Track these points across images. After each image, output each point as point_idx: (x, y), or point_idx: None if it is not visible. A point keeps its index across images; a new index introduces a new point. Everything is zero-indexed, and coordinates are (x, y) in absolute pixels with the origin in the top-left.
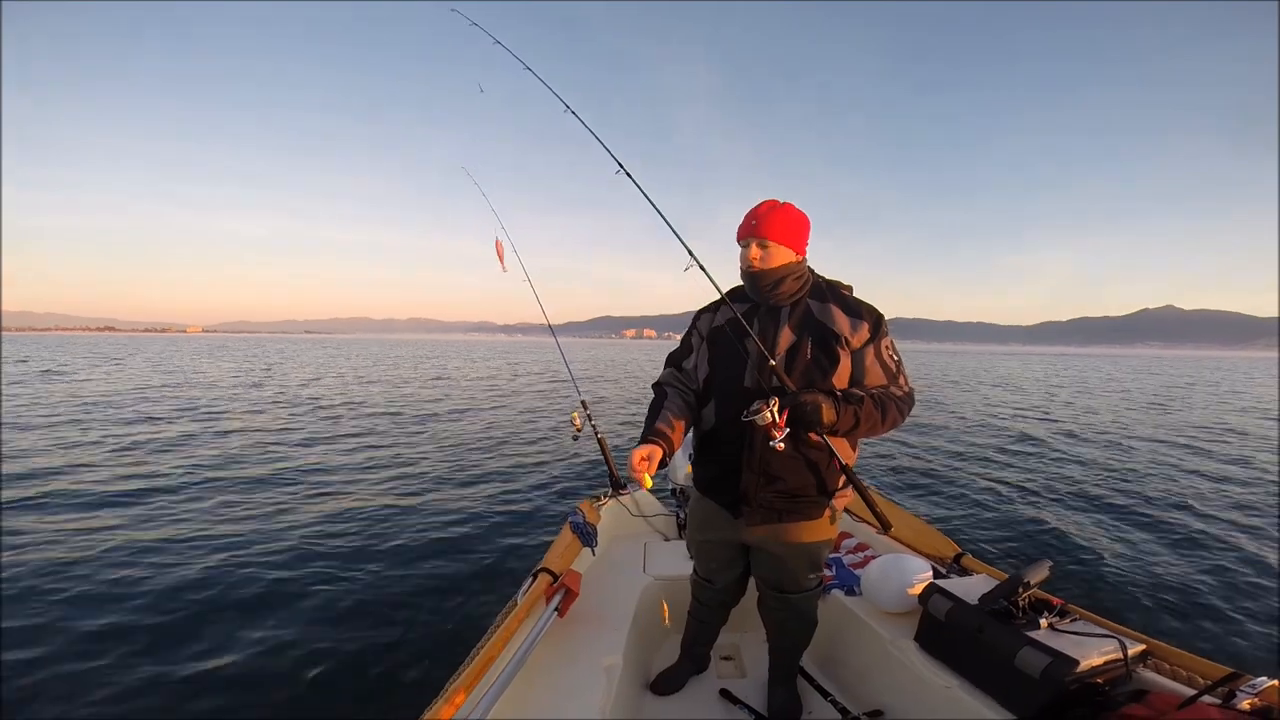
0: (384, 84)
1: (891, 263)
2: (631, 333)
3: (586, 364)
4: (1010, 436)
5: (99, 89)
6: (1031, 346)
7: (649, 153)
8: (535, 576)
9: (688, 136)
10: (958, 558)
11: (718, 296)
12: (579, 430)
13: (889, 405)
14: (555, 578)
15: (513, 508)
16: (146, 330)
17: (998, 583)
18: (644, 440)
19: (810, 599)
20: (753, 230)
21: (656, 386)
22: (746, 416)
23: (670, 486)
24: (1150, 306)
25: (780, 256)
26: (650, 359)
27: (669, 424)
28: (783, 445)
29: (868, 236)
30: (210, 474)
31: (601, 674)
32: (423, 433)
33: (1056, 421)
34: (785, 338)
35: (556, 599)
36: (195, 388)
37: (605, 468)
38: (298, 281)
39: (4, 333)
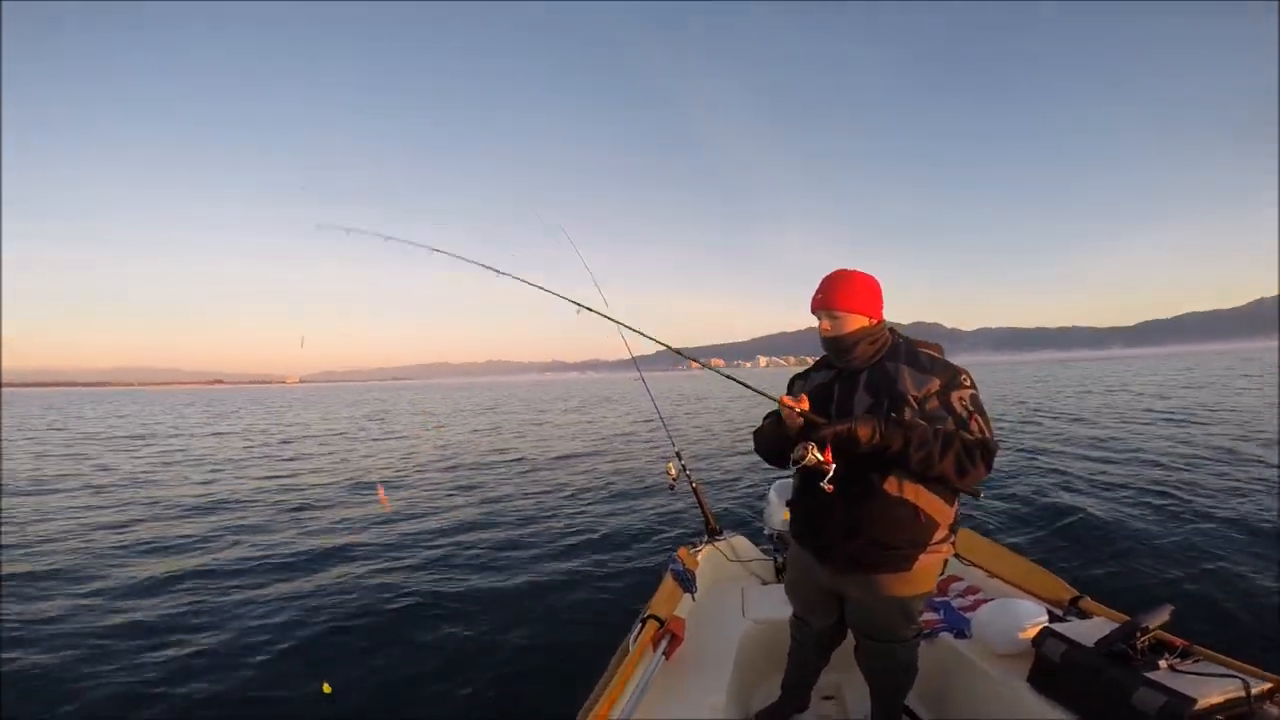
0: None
1: (963, 271)
2: (696, 364)
3: (663, 399)
4: (1148, 459)
5: (201, 159)
6: (1135, 349)
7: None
8: (643, 623)
9: (723, 153)
10: (1075, 600)
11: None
12: (674, 480)
13: (953, 443)
14: (661, 623)
15: (611, 554)
16: (251, 382)
17: (1115, 625)
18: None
19: (909, 648)
20: (822, 303)
21: (758, 431)
22: (794, 464)
23: (767, 532)
24: (1266, 295)
25: (852, 324)
26: (725, 393)
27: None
28: (831, 486)
29: (937, 246)
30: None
31: (707, 713)
32: (520, 479)
33: (1208, 436)
34: (862, 400)
35: (664, 643)
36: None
37: (701, 515)
38: (380, 332)
39: (131, 387)
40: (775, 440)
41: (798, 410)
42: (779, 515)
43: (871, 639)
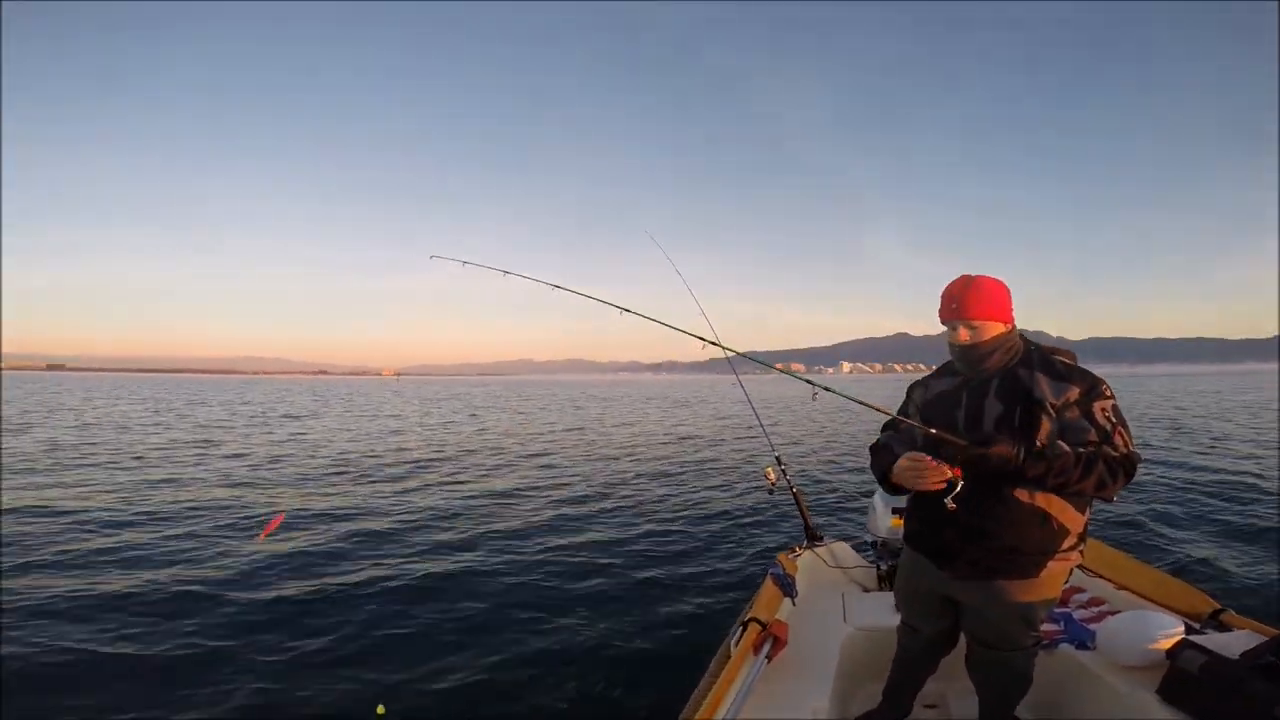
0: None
1: (1067, 277)
2: (780, 366)
3: (738, 402)
4: None
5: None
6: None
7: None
8: (745, 626)
9: (805, 151)
10: (1216, 614)
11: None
12: (774, 484)
13: (1095, 466)
14: (764, 626)
15: (707, 557)
16: (351, 373)
17: (1264, 640)
18: (895, 461)
19: (1026, 656)
20: (955, 313)
21: (875, 447)
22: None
23: (870, 539)
24: None
25: (989, 331)
26: (813, 400)
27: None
28: (955, 505)
29: (1042, 246)
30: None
31: (808, 715)
32: (611, 479)
33: None
34: (992, 408)
35: (766, 647)
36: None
37: (800, 520)
38: (469, 329)
39: (242, 375)
40: (889, 457)
41: (932, 464)
42: (885, 523)
43: (988, 646)
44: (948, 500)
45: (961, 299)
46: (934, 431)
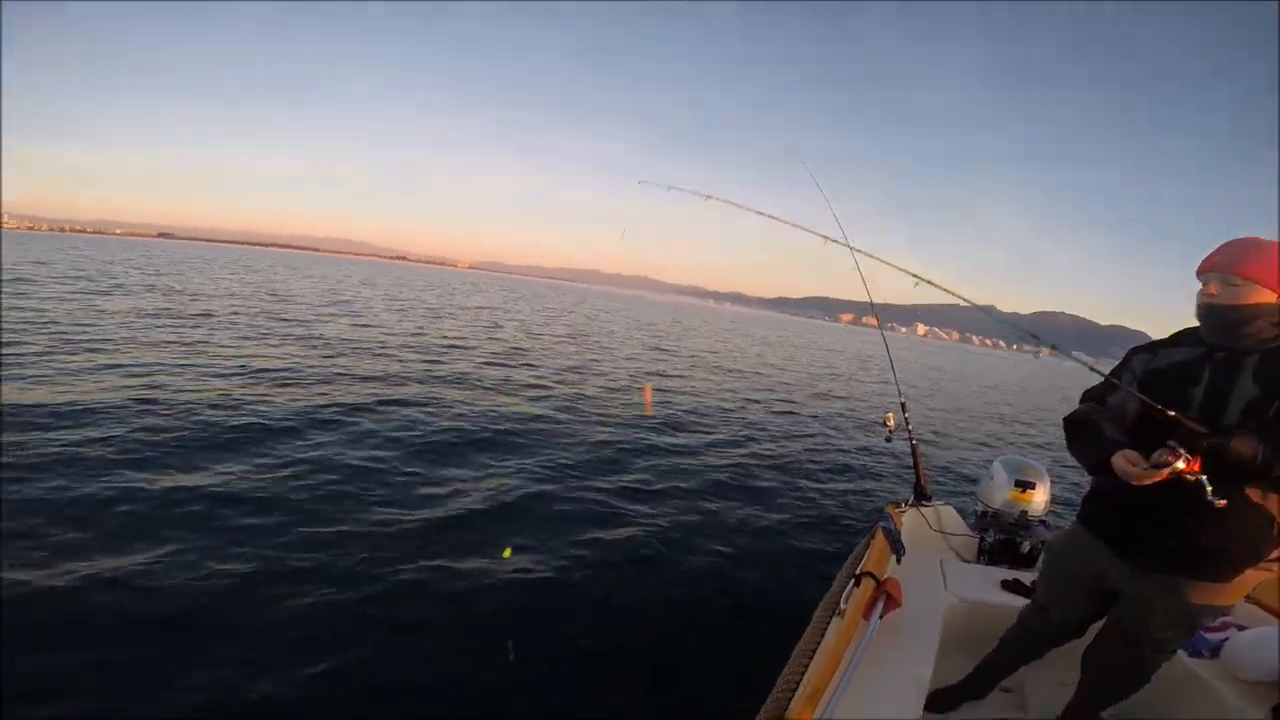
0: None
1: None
2: (849, 317)
3: (808, 348)
4: None
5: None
6: None
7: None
8: (857, 580)
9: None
10: None
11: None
12: (892, 431)
13: None
14: (878, 584)
15: (813, 501)
16: (428, 262)
17: None
18: (1113, 452)
19: (1162, 659)
20: (1220, 265)
21: (1076, 421)
22: (1154, 464)
23: (979, 508)
24: None
25: (1251, 296)
26: (898, 355)
27: (1117, 436)
28: (1224, 500)
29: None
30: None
31: (913, 685)
32: (706, 410)
33: None
34: (1245, 390)
35: (879, 605)
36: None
37: (913, 473)
38: (540, 233)
39: (326, 254)
40: (1100, 444)
41: (1146, 466)
42: (1002, 494)
43: (1131, 644)
44: (1215, 499)
45: (1234, 254)
46: (1173, 414)
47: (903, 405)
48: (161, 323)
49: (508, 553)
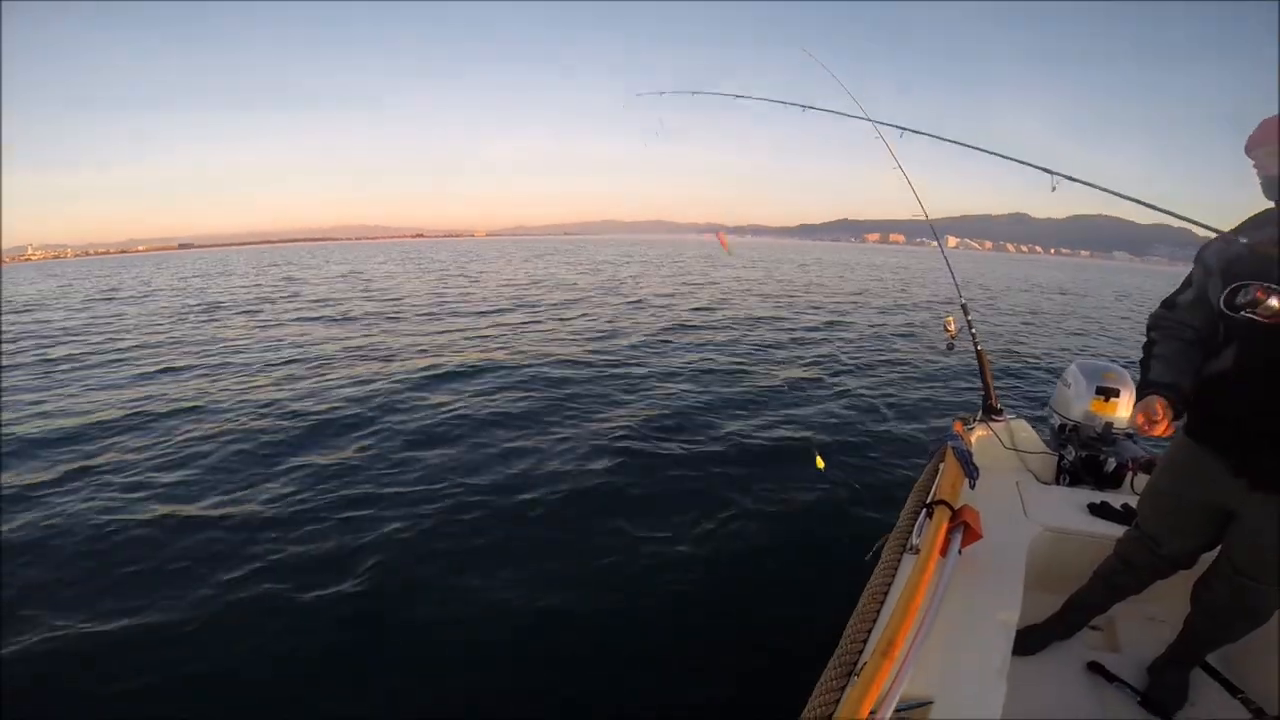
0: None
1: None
2: (875, 237)
3: (834, 268)
4: None
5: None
6: None
7: None
8: (929, 510)
9: None
10: None
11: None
12: (953, 338)
13: None
14: (954, 512)
15: (872, 415)
16: (446, 235)
17: None
18: (1141, 392)
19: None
20: (1263, 139)
21: (1146, 343)
22: (1240, 310)
23: (1055, 422)
24: None
25: None
26: (919, 265)
27: (1165, 370)
28: None
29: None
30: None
31: (1000, 628)
32: (763, 335)
33: None
34: None
35: (957, 538)
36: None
37: (980, 385)
38: (557, 194)
39: (347, 241)
40: (1143, 383)
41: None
42: (1082, 405)
43: (1248, 576)
44: None
45: (1278, 122)
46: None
47: (964, 307)
48: (381, 325)
49: (821, 463)
